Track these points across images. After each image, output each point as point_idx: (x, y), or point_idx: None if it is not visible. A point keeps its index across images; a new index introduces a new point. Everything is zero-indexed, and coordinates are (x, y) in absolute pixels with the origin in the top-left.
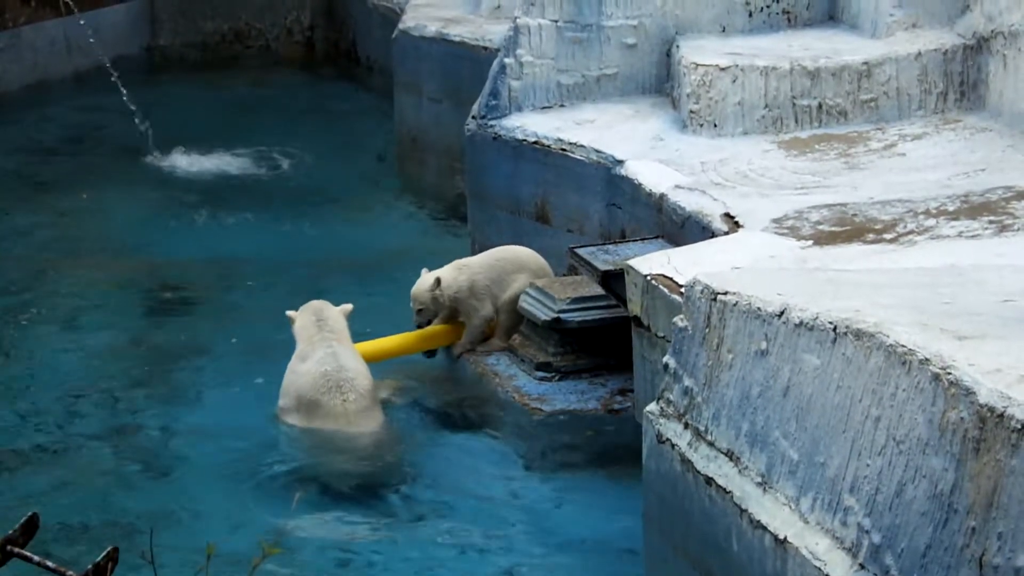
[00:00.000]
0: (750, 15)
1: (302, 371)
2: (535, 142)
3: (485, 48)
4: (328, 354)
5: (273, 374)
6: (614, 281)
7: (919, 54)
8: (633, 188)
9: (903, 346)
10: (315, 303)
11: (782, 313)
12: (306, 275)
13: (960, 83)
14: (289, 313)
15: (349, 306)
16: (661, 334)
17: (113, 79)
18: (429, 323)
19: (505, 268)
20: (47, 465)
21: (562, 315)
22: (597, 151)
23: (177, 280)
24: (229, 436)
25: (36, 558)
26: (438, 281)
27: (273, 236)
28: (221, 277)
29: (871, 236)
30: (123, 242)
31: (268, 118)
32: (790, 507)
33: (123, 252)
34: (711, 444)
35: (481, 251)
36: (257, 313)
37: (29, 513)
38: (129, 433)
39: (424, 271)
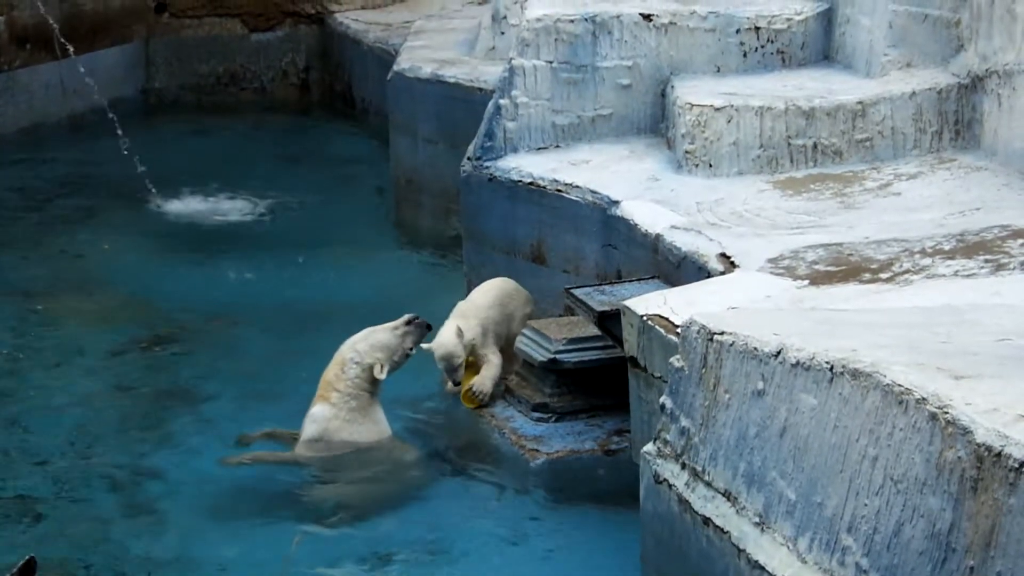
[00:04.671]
0: (744, 55)
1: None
2: (531, 183)
3: (480, 89)
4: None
5: (270, 417)
6: (610, 322)
7: (914, 93)
8: (629, 228)
9: (900, 385)
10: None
11: (778, 353)
12: (302, 317)
13: (955, 122)
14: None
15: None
16: (658, 374)
17: (113, 123)
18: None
19: (507, 305)
20: (43, 509)
21: (558, 356)
22: (593, 192)
23: (172, 323)
24: (226, 479)
25: None
26: (460, 330)
27: (269, 278)
28: (216, 320)
29: (867, 276)
30: (118, 284)
31: (263, 160)
32: (788, 547)
33: (117, 295)
34: (708, 484)
35: None
36: (253, 356)
37: (26, 557)
38: (125, 476)
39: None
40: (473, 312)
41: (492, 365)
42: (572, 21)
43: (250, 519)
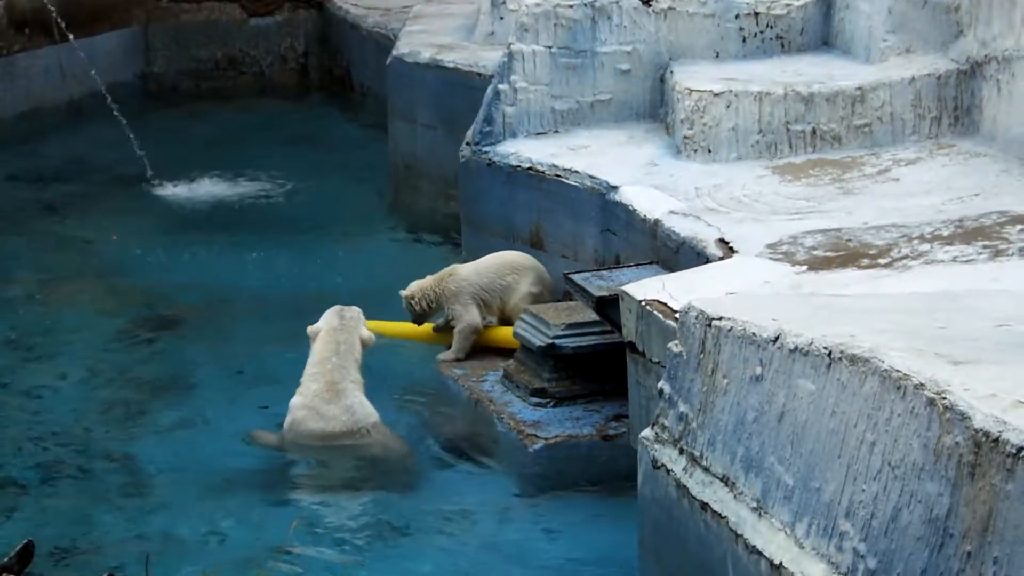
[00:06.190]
0: (743, 41)
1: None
2: (529, 168)
3: (479, 74)
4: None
5: (268, 400)
6: (609, 307)
7: (913, 79)
8: (627, 214)
9: (898, 371)
10: (339, 316)
11: (777, 338)
12: (301, 302)
13: (954, 108)
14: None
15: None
16: (656, 360)
17: (112, 108)
18: (423, 317)
19: (500, 272)
20: (40, 493)
21: (557, 341)
22: (591, 177)
23: (170, 307)
24: (225, 462)
25: None
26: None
27: (267, 263)
28: (215, 304)
29: (865, 261)
30: (115, 269)
31: (262, 145)
32: (785, 532)
33: (116, 279)
34: (706, 469)
35: None
36: (251, 340)
37: (24, 540)
38: (124, 459)
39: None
40: (453, 273)
41: (458, 336)
42: (571, 6)
43: (247, 503)
